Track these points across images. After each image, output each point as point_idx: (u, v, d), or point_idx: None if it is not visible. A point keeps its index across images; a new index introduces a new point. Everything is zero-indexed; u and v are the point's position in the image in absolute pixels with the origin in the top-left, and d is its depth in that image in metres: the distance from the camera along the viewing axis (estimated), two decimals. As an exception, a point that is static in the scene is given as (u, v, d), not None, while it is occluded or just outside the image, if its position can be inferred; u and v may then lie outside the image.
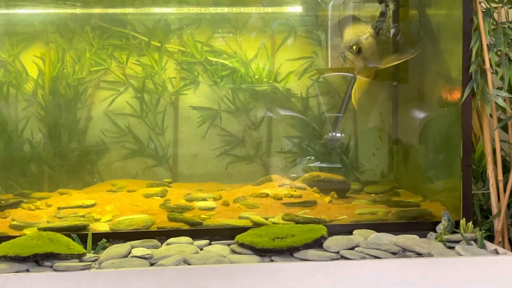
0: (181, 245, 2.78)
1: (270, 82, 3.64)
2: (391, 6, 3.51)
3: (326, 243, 2.72)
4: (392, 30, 3.46)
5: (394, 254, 2.70)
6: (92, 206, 3.22)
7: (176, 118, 3.66)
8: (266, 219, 3.04)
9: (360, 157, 3.75)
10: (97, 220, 3.06)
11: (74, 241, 2.70)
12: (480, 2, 2.96)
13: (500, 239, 3.01)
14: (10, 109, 3.54)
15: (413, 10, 3.50)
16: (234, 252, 2.73)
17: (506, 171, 3.09)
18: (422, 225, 3.02)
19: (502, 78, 2.99)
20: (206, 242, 2.84)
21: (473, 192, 3.02)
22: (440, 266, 2.60)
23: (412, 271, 2.59)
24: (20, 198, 3.31)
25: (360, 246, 2.74)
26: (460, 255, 2.68)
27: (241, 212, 3.15)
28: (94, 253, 2.67)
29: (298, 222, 3.00)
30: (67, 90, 3.56)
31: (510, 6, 3.10)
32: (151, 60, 3.60)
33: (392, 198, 3.43)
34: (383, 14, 3.45)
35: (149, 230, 2.94)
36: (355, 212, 3.19)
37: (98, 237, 2.76)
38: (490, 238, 3.02)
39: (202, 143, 3.66)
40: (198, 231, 2.93)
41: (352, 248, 2.72)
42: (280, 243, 2.67)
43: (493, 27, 2.99)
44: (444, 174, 3.24)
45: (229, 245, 2.80)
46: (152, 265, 2.59)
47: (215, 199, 3.30)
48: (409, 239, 2.81)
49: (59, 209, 3.18)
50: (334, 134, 3.55)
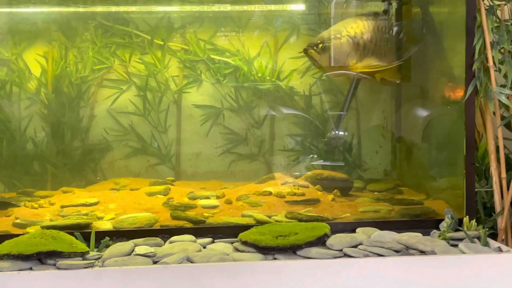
0: (184, 243, 2.78)
1: (273, 80, 3.64)
2: (394, 4, 3.50)
3: (329, 241, 2.72)
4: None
5: (397, 252, 2.70)
6: (95, 204, 3.23)
7: (179, 117, 3.66)
8: (269, 217, 3.04)
9: (363, 155, 3.74)
10: (100, 218, 3.07)
11: (77, 239, 2.70)
12: (483, 0, 2.96)
13: (503, 237, 3.00)
14: (13, 107, 3.54)
15: (416, 8, 3.49)
16: (237, 250, 2.73)
17: (509, 169, 3.09)
18: (425, 223, 3.02)
19: (505, 76, 2.98)
20: (209, 240, 2.84)
21: (476, 190, 3.02)
22: (443, 264, 2.60)
23: (415, 269, 2.59)
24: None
25: (363, 244, 2.74)
26: (463, 253, 2.68)
27: (244, 210, 3.15)
28: (97, 251, 2.67)
29: (301, 220, 3.00)
30: (70, 88, 3.57)
31: (513, 4, 3.10)
32: (154, 58, 3.60)
33: (395, 196, 3.42)
34: (386, 12, 3.45)
35: (152, 228, 2.95)
36: (358, 210, 3.19)
37: (101, 235, 2.76)
38: (494, 236, 3.02)
39: (205, 141, 3.66)
40: (201, 229, 2.93)
41: (355, 246, 2.72)
42: (283, 241, 2.67)
43: (496, 25, 2.98)
44: (447, 172, 3.23)
45: (232, 243, 2.80)
46: (155, 263, 2.59)
47: (218, 197, 3.30)
48: (412, 237, 2.81)
49: (62, 207, 3.19)
50: (337, 132, 3.55)
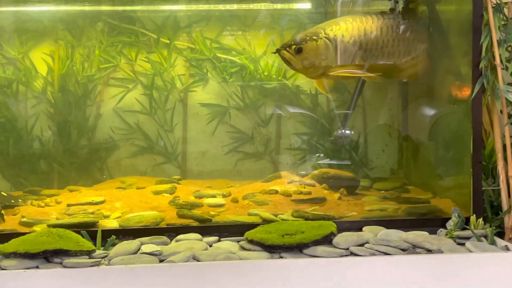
0: (190, 241, 2.78)
1: (279, 79, 3.63)
2: (401, 2, 3.49)
3: (336, 240, 2.71)
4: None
5: (404, 250, 2.69)
6: (101, 203, 3.23)
7: (185, 115, 3.66)
8: (276, 216, 3.04)
9: (369, 154, 3.74)
10: (106, 217, 3.07)
11: (83, 237, 2.70)
12: (490, -2, 2.95)
13: (510, 235, 2.99)
14: (20, 106, 3.55)
15: (422, 6, 3.48)
16: (243, 248, 2.73)
17: (516, 167, 3.07)
18: (432, 221, 3.01)
19: (512, 74, 2.98)
20: (215, 238, 2.84)
21: (483, 188, 3.01)
22: (450, 263, 2.59)
23: (422, 268, 2.58)
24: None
25: (369, 242, 2.73)
26: (470, 252, 2.67)
27: (250, 208, 3.15)
28: (103, 249, 2.68)
29: (307, 219, 2.99)
30: (77, 87, 3.57)
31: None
32: (160, 57, 3.60)
33: (401, 194, 3.42)
34: (393, 11, 3.44)
35: (158, 226, 2.95)
36: (365, 208, 3.18)
37: (107, 233, 2.76)
38: (501, 235, 3.01)
39: (211, 140, 3.66)
40: (207, 228, 2.93)
41: (361, 244, 2.72)
42: (289, 240, 2.67)
43: (503, 23, 2.97)
44: (454, 170, 3.23)
45: (238, 241, 2.80)
46: (161, 261, 2.59)
47: (224, 196, 3.30)
48: (419, 236, 2.80)
49: (69, 206, 3.19)
50: (343, 131, 3.55)
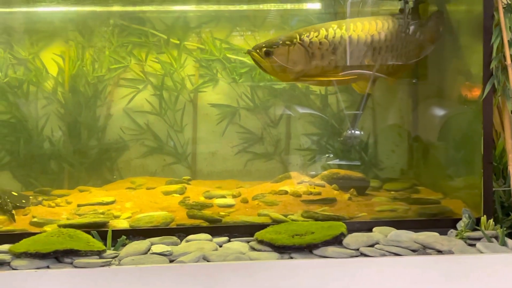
0: (200, 242, 2.78)
1: (289, 79, 3.63)
2: (410, 3, 3.48)
3: (346, 240, 2.71)
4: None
5: (414, 251, 2.68)
6: (111, 203, 3.24)
7: (195, 116, 3.66)
8: (285, 216, 3.04)
9: (379, 154, 3.73)
10: (116, 217, 3.08)
11: (94, 238, 2.71)
12: (501, -2, 2.95)
13: (521, 236, 2.99)
14: (30, 107, 3.56)
15: (432, 7, 3.48)
16: (253, 249, 2.73)
17: (527, 168, 3.06)
18: (442, 222, 3.01)
19: (523, 74, 2.96)
20: (225, 239, 2.84)
21: (494, 189, 3.00)
22: (461, 264, 2.58)
23: (432, 269, 2.58)
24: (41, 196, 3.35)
25: (380, 243, 2.73)
26: (481, 253, 2.67)
27: (260, 209, 3.15)
28: (114, 250, 2.68)
29: (317, 219, 2.99)
30: (87, 87, 3.58)
31: (531, 2, 3.07)
32: (170, 57, 3.60)
33: (412, 195, 3.41)
34: (402, 11, 3.43)
35: (168, 227, 2.95)
36: (375, 209, 3.18)
37: (117, 234, 2.77)
38: (511, 235, 3.00)
39: (221, 141, 3.66)
40: (217, 228, 2.94)
41: (372, 245, 2.71)
42: (299, 240, 2.67)
43: (514, 23, 2.96)
44: (464, 171, 3.22)
45: (248, 242, 2.80)
46: (171, 261, 2.59)
47: (234, 196, 3.30)
48: (429, 237, 2.79)
49: (79, 206, 3.20)
50: (353, 131, 3.54)
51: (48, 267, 2.52)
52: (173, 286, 2.49)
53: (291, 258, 2.63)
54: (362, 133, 3.65)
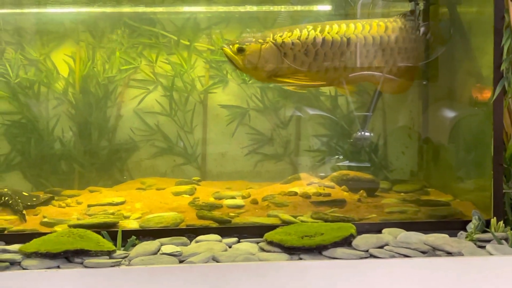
0: (210, 242, 2.78)
1: (299, 80, 3.63)
2: (421, 4, 3.47)
3: (355, 242, 2.71)
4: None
5: (423, 253, 2.68)
6: (121, 203, 3.25)
7: (205, 117, 3.67)
8: (295, 217, 3.04)
9: (389, 156, 3.73)
10: (126, 217, 3.08)
11: (104, 238, 2.72)
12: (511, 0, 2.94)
13: (531, 239, 2.98)
14: (41, 107, 3.57)
15: (443, 8, 3.47)
16: (262, 250, 2.73)
17: (537, 170, 3.06)
18: (452, 224, 3.00)
19: (534, 76, 2.96)
20: (235, 240, 2.85)
21: (504, 191, 2.99)
22: (470, 266, 2.58)
23: (442, 270, 2.57)
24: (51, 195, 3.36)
25: (389, 244, 2.73)
26: (491, 255, 2.66)
27: (269, 210, 3.16)
28: (123, 250, 2.69)
29: (327, 221, 2.99)
30: (97, 88, 3.59)
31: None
32: (180, 58, 3.61)
33: (421, 197, 3.41)
34: (413, 13, 3.42)
35: (178, 227, 2.96)
36: (384, 210, 3.17)
37: (127, 234, 2.78)
38: (522, 238, 2.99)
39: (230, 142, 3.67)
40: (226, 229, 2.94)
41: (381, 246, 2.71)
42: (309, 241, 2.67)
43: (525, 25, 2.96)
44: (474, 173, 3.21)
45: (257, 243, 2.80)
46: (181, 262, 2.60)
47: (244, 197, 3.31)
48: (439, 238, 2.79)
49: (89, 206, 3.21)
50: (363, 133, 3.54)
51: (58, 267, 2.53)
52: (182, 286, 2.49)
53: (301, 259, 2.63)
54: (372, 134, 3.65)
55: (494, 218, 2.88)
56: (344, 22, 3.22)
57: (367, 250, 2.67)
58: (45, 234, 2.76)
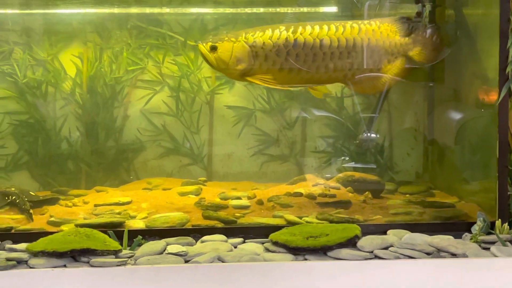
0: (215, 242, 2.79)
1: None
2: (428, 6, 3.48)
3: (360, 243, 2.71)
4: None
5: (428, 254, 2.68)
6: (128, 203, 3.26)
7: (211, 117, 3.68)
8: (300, 218, 3.05)
9: (394, 157, 3.73)
10: (133, 217, 3.10)
11: (110, 237, 2.73)
12: (517, 2, 2.94)
13: (536, 241, 2.98)
14: (49, 107, 3.59)
15: (449, 10, 3.47)
16: (268, 250, 2.74)
17: (543, 172, 3.06)
18: (457, 225, 3.00)
19: (539, 79, 2.96)
20: (240, 240, 2.85)
21: (509, 193, 3.00)
22: (475, 267, 2.58)
23: (446, 272, 2.58)
24: (57, 195, 3.37)
25: (394, 246, 2.73)
26: (495, 256, 2.66)
27: (275, 211, 3.16)
28: (130, 249, 2.70)
29: (332, 222, 3.00)
30: (104, 89, 3.61)
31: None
32: (187, 59, 3.62)
33: (426, 198, 3.41)
34: (419, 14, 3.43)
35: (184, 227, 2.97)
36: (389, 212, 3.18)
37: (134, 234, 2.79)
38: (526, 240, 2.99)
39: (237, 142, 3.68)
40: (232, 229, 2.95)
41: (386, 248, 2.72)
42: (314, 242, 2.67)
43: (530, 27, 2.96)
44: (479, 174, 3.21)
45: (263, 243, 2.80)
46: (186, 262, 2.61)
47: (250, 198, 3.32)
48: (443, 240, 2.79)
49: (96, 206, 3.23)
50: (368, 134, 3.54)
51: (65, 266, 2.54)
52: (188, 286, 2.51)
53: (306, 259, 2.64)
54: (377, 136, 3.65)
55: (499, 220, 2.88)
56: (317, 23, 3.22)
57: (372, 251, 2.68)
58: (52, 233, 2.78)
